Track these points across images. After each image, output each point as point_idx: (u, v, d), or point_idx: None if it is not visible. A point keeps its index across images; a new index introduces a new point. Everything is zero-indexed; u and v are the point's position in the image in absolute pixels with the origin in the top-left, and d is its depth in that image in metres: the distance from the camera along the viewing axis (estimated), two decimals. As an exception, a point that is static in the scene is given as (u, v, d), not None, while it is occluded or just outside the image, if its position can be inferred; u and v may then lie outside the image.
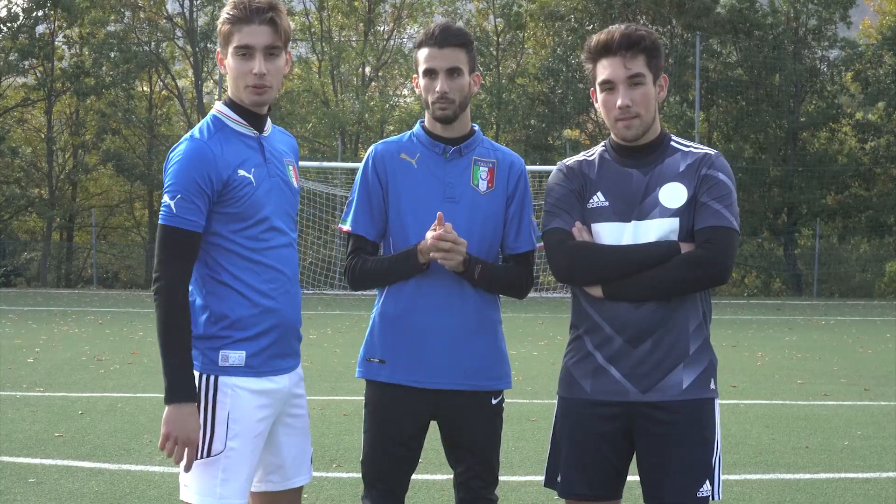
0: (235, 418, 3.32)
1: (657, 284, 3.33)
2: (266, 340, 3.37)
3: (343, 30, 38.66)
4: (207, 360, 3.35)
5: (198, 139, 3.33)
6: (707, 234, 3.34)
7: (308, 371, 11.05)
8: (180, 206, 3.26)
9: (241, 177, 3.32)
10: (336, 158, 32.36)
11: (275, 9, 3.34)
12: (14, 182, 33.92)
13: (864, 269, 32.54)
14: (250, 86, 3.34)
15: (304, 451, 3.58)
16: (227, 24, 3.34)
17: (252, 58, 3.32)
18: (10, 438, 7.59)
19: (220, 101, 3.48)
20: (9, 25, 32.97)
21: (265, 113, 3.49)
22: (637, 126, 3.40)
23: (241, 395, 3.33)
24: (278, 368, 3.43)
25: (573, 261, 3.42)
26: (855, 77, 33.95)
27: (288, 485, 3.53)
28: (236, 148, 3.36)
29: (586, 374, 3.45)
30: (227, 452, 3.31)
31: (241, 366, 3.34)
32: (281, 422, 3.48)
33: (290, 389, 3.49)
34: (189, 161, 3.28)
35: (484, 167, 3.74)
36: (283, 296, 3.41)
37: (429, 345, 3.66)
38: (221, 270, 3.35)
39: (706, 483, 3.37)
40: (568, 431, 3.49)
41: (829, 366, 12.75)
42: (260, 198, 3.35)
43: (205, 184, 3.28)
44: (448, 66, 3.65)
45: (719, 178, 3.39)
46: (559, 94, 34.11)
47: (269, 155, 3.45)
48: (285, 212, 3.46)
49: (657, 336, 3.36)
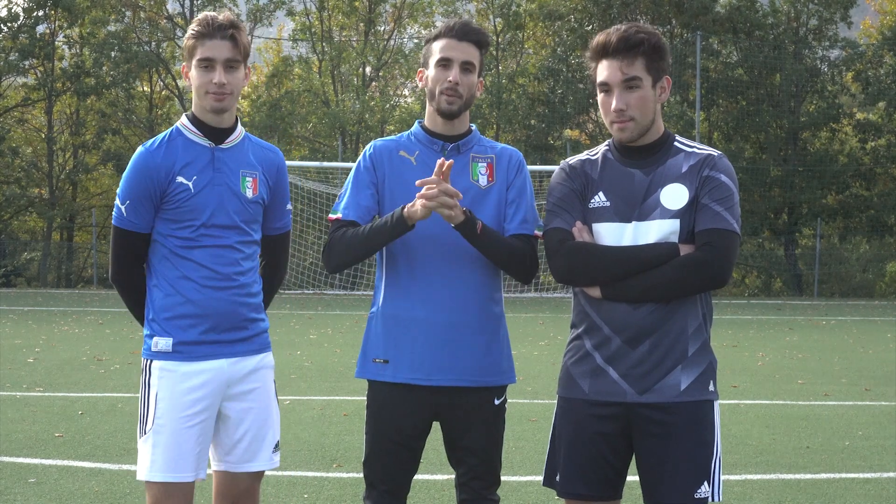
0: (163, 398, 3.67)
1: (655, 286, 3.32)
2: (193, 329, 3.69)
3: (343, 30, 38.65)
4: (146, 345, 3.75)
5: (145, 150, 3.72)
6: (707, 236, 3.33)
7: (308, 371, 11.14)
8: (129, 209, 3.70)
9: (178, 183, 3.69)
10: (336, 158, 32.37)
11: (235, 27, 3.71)
12: (14, 182, 33.91)
13: (865, 269, 32.55)
14: (211, 93, 3.67)
15: (261, 437, 3.79)
16: (192, 39, 3.70)
17: (213, 69, 3.67)
18: (10, 438, 7.58)
19: (185, 114, 3.83)
20: (9, 25, 32.97)
21: (227, 126, 3.78)
22: (632, 129, 3.39)
23: (168, 377, 3.68)
24: (209, 354, 3.70)
25: (571, 261, 3.41)
26: (855, 77, 33.94)
27: (243, 468, 3.78)
28: (184, 157, 3.72)
29: (585, 374, 3.44)
30: (156, 429, 3.67)
31: (169, 351, 3.69)
32: (230, 406, 3.75)
33: (234, 375, 3.74)
34: (135, 170, 3.71)
35: (483, 163, 3.75)
36: (212, 289, 3.69)
37: (431, 342, 3.65)
38: (158, 266, 3.74)
39: (704, 484, 3.36)
40: (567, 431, 3.49)
41: (829, 366, 12.75)
42: (198, 203, 3.69)
43: (149, 190, 3.68)
44: (464, 59, 3.67)
45: (721, 180, 3.38)
46: (559, 94, 34.10)
47: (221, 165, 3.75)
48: (229, 218, 3.73)
49: (655, 337, 3.35)
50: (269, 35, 41.62)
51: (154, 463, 3.65)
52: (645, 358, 3.36)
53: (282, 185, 3.91)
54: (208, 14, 3.72)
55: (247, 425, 3.76)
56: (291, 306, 22.15)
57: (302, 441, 7.52)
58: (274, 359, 3.97)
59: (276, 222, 3.93)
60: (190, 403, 3.67)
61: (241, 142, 3.82)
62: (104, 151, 34.51)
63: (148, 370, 3.71)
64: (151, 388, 3.69)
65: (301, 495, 6.08)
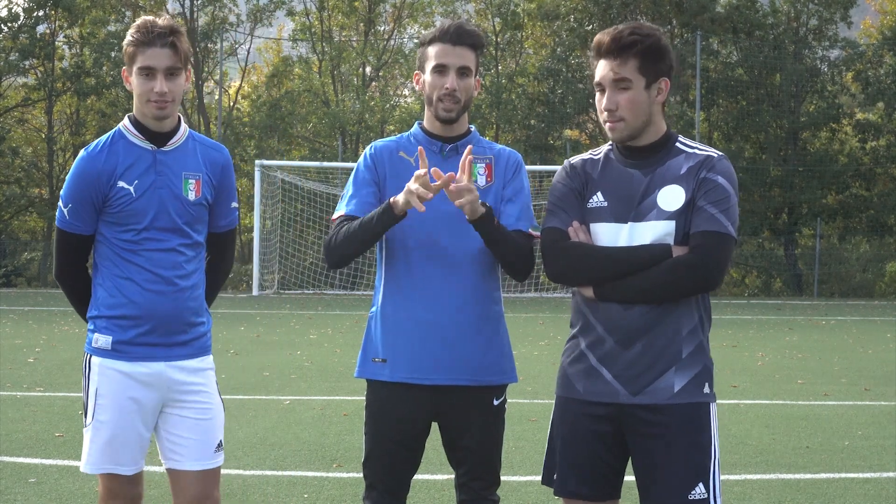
0: (101, 393, 3.75)
1: (646, 287, 3.31)
2: (133, 329, 3.74)
3: (343, 30, 38.65)
4: (88, 339, 3.82)
5: (87, 154, 3.75)
6: (699, 238, 3.31)
7: (308, 371, 11.14)
8: (70, 212, 3.75)
9: (119, 187, 3.72)
10: (336, 158, 32.38)
11: (175, 33, 3.70)
12: (14, 182, 33.91)
13: (865, 269, 32.54)
14: (152, 101, 3.69)
15: (203, 438, 3.84)
16: (131, 47, 3.69)
17: (154, 78, 3.68)
18: (10, 438, 7.59)
19: (127, 116, 3.84)
20: (9, 25, 32.97)
21: (169, 130, 3.79)
22: (621, 129, 3.38)
23: (107, 374, 3.75)
24: (150, 356, 3.76)
25: (563, 261, 3.41)
26: (855, 77, 33.94)
27: (189, 465, 3.83)
28: (125, 160, 3.74)
29: (579, 375, 3.44)
30: (95, 424, 3.76)
31: (108, 349, 3.75)
32: (171, 406, 3.82)
33: (175, 377, 3.79)
34: (77, 174, 3.74)
35: (481, 163, 3.75)
36: (154, 293, 3.73)
37: (430, 341, 3.65)
38: (102, 265, 3.79)
39: (700, 486, 3.33)
40: (563, 430, 3.48)
41: (829, 366, 12.75)
42: (139, 207, 3.72)
43: (90, 195, 3.72)
44: (460, 65, 3.67)
45: (718, 182, 3.35)
46: (559, 95, 34.10)
47: (164, 168, 3.77)
48: (171, 220, 3.76)
49: (648, 339, 3.34)
50: (269, 35, 41.65)
51: (91, 456, 3.77)
52: (637, 359, 3.35)
53: (227, 183, 3.92)
54: (147, 20, 3.70)
55: (189, 425, 3.81)
56: (291, 306, 22.14)
57: (302, 441, 7.52)
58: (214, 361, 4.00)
59: (221, 220, 3.95)
60: (128, 401, 3.74)
61: (184, 142, 3.83)
62: (104, 151, 34.46)
63: (88, 365, 3.79)
64: (91, 382, 3.77)
65: (301, 495, 6.08)
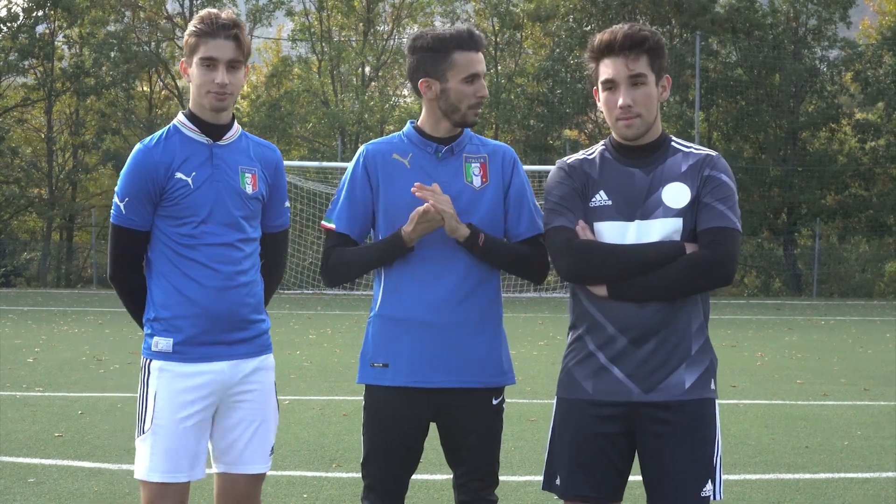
0: (161, 397, 3.66)
1: (663, 285, 3.33)
2: (193, 330, 3.67)
3: (343, 30, 38.65)
4: (146, 345, 3.74)
5: (143, 147, 3.72)
6: (712, 234, 3.34)
7: (308, 371, 11.14)
8: (127, 206, 3.69)
9: (177, 179, 3.68)
10: (336, 158, 32.35)
11: (238, 26, 3.69)
12: (14, 182, 33.88)
13: (864, 269, 32.54)
14: (212, 93, 3.66)
15: (258, 440, 3.78)
16: (193, 37, 3.68)
17: (215, 69, 3.65)
18: (10, 438, 7.59)
19: (182, 112, 3.80)
20: (9, 25, 32.95)
21: (224, 123, 3.77)
22: (638, 126, 3.40)
23: (167, 377, 3.67)
24: (210, 356, 3.69)
25: (579, 260, 3.40)
26: (855, 77, 33.93)
27: (241, 469, 3.77)
28: (182, 153, 3.71)
29: (588, 375, 3.44)
30: (154, 429, 3.66)
31: (169, 351, 3.68)
32: (227, 407, 3.75)
33: (233, 378, 3.72)
34: (133, 167, 3.69)
35: (475, 163, 3.74)
36: (213, 289, 3.68)
37: (429, 344, 3.64)
38: (158, 263, 3.72)
39: (708, 483, 3.37)
40: (569, 432, 3.47)
41: (828, 366, 12.76)
42: (197, 199, 3.68)
43: (147, 188, 3.67)
44: (483, 70, 3.71)
45: (722, 180, 3.40)
46: (558, 95, 34.10)
47: (220, 162, 3.74)
48: (229, 214, 3.72)
49: (661, 336, 3.36)
50: (269, 35, 41.63)
51: (151, 463, 3.66)
52: (650, 357, 3.36)
53: (280, 182, 3.92)
54: (211, 11, 3.70)
55: (244, 427, 3.76)
56: (291, 306, 22.15)
57: (301, 441, 7.53)
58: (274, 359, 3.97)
59: (275, 220, 3.92)
60: (188, 404, 3.66)
61: (238, 139, 3.82)
62: (104, 151, 34.46)
63: (147, 370, 3.70)
64: (150, 387, 3.68)
65: (300, 495, 6.09)
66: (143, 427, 3.69)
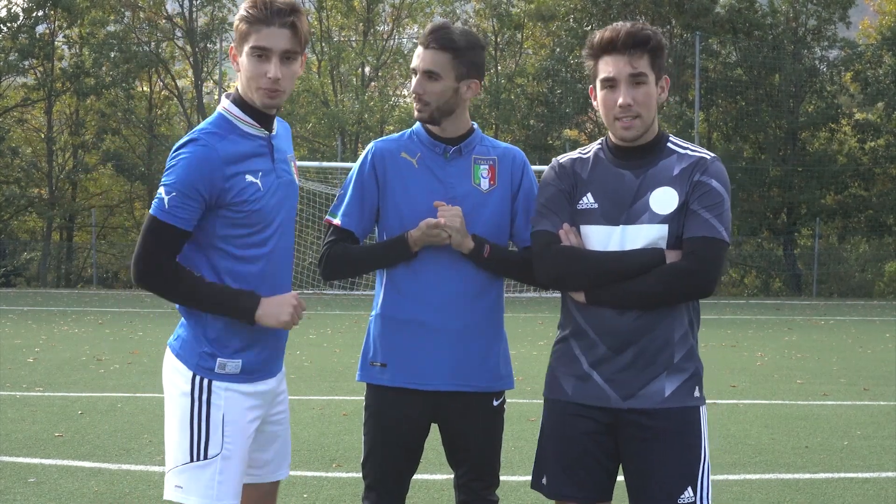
0: (230, 420, 3.32)
1: (639, 293, 3.29)
2: (262, 349, 3.41)
3: (342, 30, 38.66)
4: (204, 365, 3.33)
5: (207, 144, 3.23)
6: (693, 244, 3.29)
7: (308, 371, 11.14)
8: (174, 202, 3.18)
9: (248, 183, 3.26)
10: (336, 158, 32.35)
11: (296, 12, 3.24)
12: (14, 182, 33.87)
13: (864, 269, 32.52)
14: (263, 88, 3.24)
15: (286, 446, 3.62)
16: (244, 24, 3.22)
17: (268, 60, 3.22)
18: (10, 438, 7.59)
19: (227, 98, 3.35)
20: (9, 25, 32.93)
21: (274, 113, 3.41)
22: (637, 126, 3.35)
23: (234, 397, 3.34)
24: (269, 372, 3.47)
25: (557, 265, 3.38)
26: (854, 77, 33.92)
27: (269, 478, 3.58)
28: (244, 151, 3.28)
29: (569, 377, 3.43)
30: (224, 454, 3.30)
31: (236, 373, 3.35)
32: (267, 420, 3.51)
33: (276, 388, 3.53)
34: (195, 164, 3.20)
35: (484, 165, 3.71)
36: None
37: (429, 346, 3.64)
38: (224, 276, 3.31)
39: (688, 490, 3.33)
40: (553, 432, 3.48)
41: (828, 366, 12.76)
42: (271, 205, 3.31)
43: (204, 189, 3.20)
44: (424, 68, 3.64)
45: (712, 186, 3.33)
46: (558, 95, 34.09)
47: (277, 156, 3.39)
48: (292, 217, 3.45)
49: (641, 344, 3.33)
50: (269, 35, 41.58)
51: (220, 490, 3.30)
52: (630, 364, 3.33)
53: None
54: None
55: (281, 442, 3.57)
56: (291, 306, 22.09)
57: (301, 441, 7.53)
58: None
59: None
60: (250, 425, 3.39)
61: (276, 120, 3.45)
62: (104, 151, 34.48)
63: (207, 390, 3.31)
64: (214, 409, 3.30)
65: (300, 495, 6.09)
66: (202, 451, 3.29)
